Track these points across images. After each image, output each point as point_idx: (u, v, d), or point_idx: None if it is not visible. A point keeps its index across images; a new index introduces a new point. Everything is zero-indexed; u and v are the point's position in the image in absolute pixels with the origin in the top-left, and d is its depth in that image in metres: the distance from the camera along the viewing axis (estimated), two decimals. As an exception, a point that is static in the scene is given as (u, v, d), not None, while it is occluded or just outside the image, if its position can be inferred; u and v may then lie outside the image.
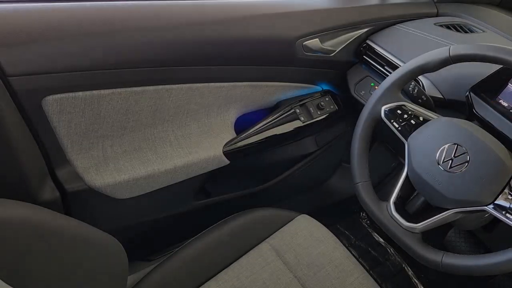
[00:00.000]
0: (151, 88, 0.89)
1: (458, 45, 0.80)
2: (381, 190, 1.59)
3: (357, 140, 0.90)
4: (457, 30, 1.11)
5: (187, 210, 1.17)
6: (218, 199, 1.22)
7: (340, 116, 1.26)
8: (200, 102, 1.00)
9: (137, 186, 0.97)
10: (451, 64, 0.82)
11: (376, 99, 0.88)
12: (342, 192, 1.59)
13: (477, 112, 0.92)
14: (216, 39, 0.92)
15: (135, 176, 0.94)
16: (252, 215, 1.02)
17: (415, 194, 0.88)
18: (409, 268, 1.58)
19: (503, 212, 0.73)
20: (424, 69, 0.83)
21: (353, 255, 1.57)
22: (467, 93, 0.93)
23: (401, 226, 0.82)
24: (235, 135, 1.09)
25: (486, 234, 1.06)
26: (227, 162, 1.08)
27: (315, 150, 1.38)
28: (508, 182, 0.74)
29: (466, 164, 0.76)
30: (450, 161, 0.77)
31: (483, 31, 1.12)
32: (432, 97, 0.99)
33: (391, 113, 0.87)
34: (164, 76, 0.89)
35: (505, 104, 0.89)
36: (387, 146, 1.46)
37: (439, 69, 0.83)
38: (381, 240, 1.63)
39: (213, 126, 1.07)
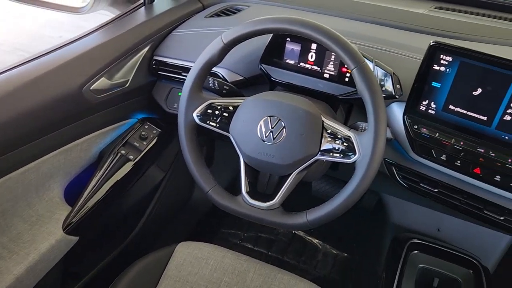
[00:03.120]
0: None
1: (227, 31, 0.84)
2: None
3: (187, 153, 0.89)
4: (227, 15, 1.17)
5: None
6: (89, 276, 1.11)
7: (169, 135, 1.24)
8: (12, 197, 0.88)
9: (-16, 322, 0.82)
10: (230, 49, 0.85)
11: (184, 109, 0.88)
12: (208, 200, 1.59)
13: (275, 79, 0.99)
14: None
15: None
16: (132, 272, 0.95)
17: (261, 175, 0.92)
18: (299, 231, 1.67)
19: (330, 154, 0.80)
20: (209, 64, 0.86)
21: (248, 247, 1.60)
22: (260, 65, 0.99)
23: (262, 209, 0.84)
24: (70, 207, 0.99)
25: (336, 172, 1.17)
26: (76, 238, 0.98)
27: (163, 176, 1.34)
28: (323, 127, 0.81)
29: (284, 129, 0.81)
30: (271, 133, 0.81)
31: (248, 7, 1.20)
32: (235, 82, 1.03)
33: (203, 116, 0.88)
34: None
35: (292, 62, 0.97)
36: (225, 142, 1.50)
37: (223, 58, 0.86)
38: (264, 221, 1.69)
39: (41, 212, 0.96)
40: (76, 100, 0.95)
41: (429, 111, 0.86)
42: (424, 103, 0.86)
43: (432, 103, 0.86)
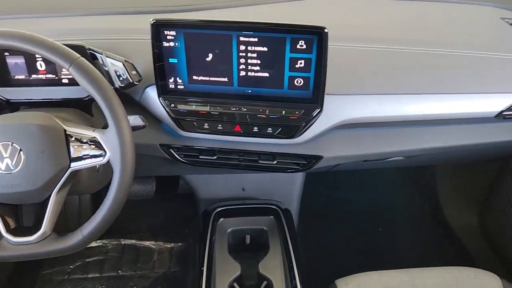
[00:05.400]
0: None
1: None
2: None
3: None
4: None
5: None
6: None
7: None
8: None
9: None
10: None
11: None
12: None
13: (12, 100, 0.88)
14: None
15: None
16: None
17: (21, 207, 0.82)
18: (127, 240, 1.60)
19: (83, 160, 0.75)
20: None
21: (79, 278, 1.48)
22: None
23: (33, 243, 0.75)
24: None
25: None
26: None
27: None
28: (66, 136, 0.75)
29: (21, 152, 0.72)
30: (7, 161, 0.72)
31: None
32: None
33: None
34: None
35: (22, 77, 0.87)
36: None
37: None
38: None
39: None
40: None
41: (178, 86, 0.88)
42: (171, 80, 0.87)
43: (178, 78, 0.87)
